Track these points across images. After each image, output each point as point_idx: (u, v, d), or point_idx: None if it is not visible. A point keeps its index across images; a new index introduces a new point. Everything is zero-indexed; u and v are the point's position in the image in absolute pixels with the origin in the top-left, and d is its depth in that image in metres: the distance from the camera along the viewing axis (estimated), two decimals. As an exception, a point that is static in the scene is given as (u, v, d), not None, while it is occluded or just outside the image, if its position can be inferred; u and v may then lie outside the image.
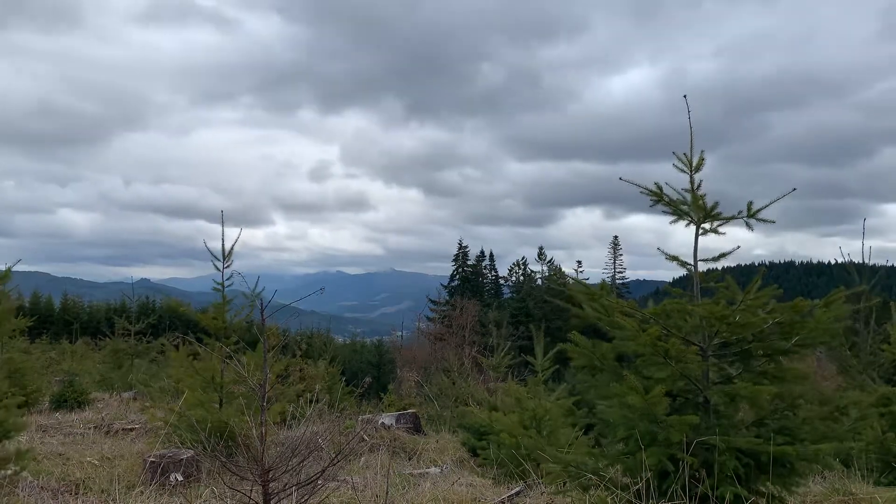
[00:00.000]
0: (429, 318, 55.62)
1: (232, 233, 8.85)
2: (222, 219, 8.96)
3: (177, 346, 10.64)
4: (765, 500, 4.79)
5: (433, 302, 58.96)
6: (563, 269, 63.85)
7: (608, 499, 4.87)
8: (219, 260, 8.83)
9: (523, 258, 66.58)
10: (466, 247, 66.47)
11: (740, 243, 5.18)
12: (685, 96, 5.19)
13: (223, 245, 8.83)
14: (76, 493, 6.34)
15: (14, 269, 6.93)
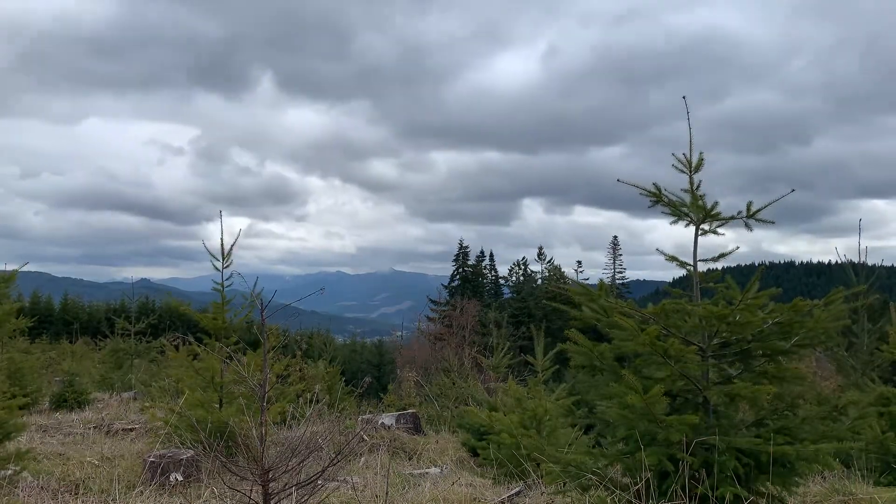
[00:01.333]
0: (429, 318, 55.63)
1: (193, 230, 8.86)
2: (221, 218, 8.97)
3: (177, 347, 10.64)
4: (765, 500, 4.79)
5: (433, 302, 58.97)
6: (563, 270, 63.88)
7: (608, 499, 4.87)
8: (217, 259, 8.83)
9: (523, 258, 66.59)
10: (467, 247, 66.46)
11: (710, 242, 5.20)
12: (684, 97, 5.19)
13: (222, 245, 8.83)
14: (76, 493, 6.34)
15: (13, 268, 6.95)
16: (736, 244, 5.18)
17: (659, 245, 5.26)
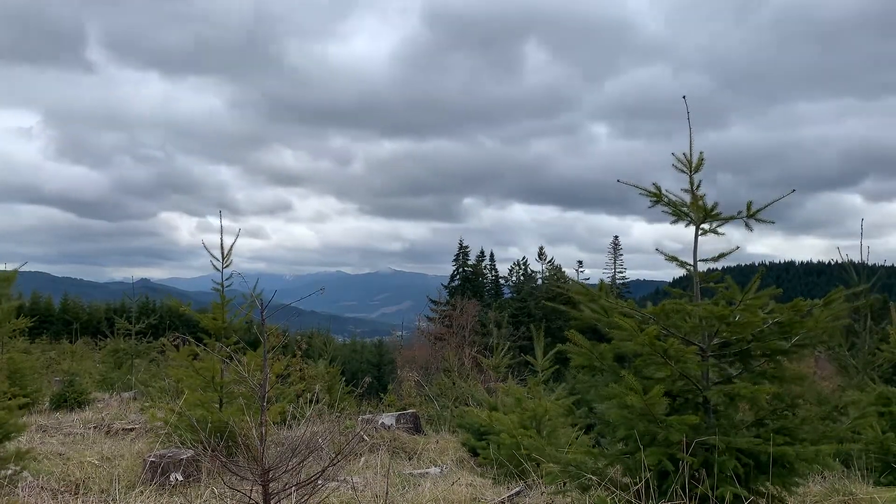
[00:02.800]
0: (429, 318, 55.61)
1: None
2: (220, 218, 8.96)
3: (177, 347, 10.64)
4: (765, 500, 4.79)
5: (433, 302, 58.96)
6: (563, 270, 63.84)
7: (608, 499, 4.87)
8: (217, 260, 8.83)
9: (524, 258, 66.57)
10: (467, 247, 66.45)
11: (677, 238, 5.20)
12: (684, 97, 5.19)
13: (222, 245, 8.83)
14: (76, 493, 6.34)
15: (13, 268, 6.95)
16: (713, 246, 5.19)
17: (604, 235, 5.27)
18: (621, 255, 69.18)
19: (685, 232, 5.23)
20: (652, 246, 5.27)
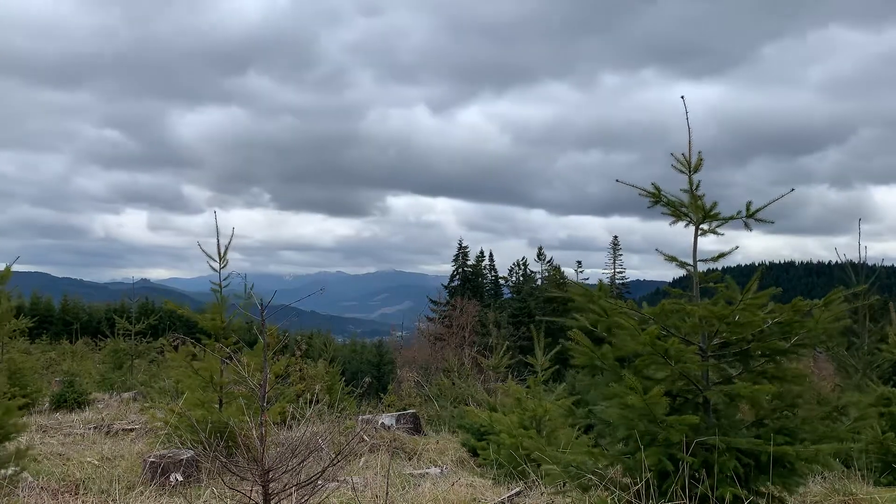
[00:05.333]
0: (429, 319, 55.61)
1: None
2: (216, 218, 8.96)
3: (176, 347, 10.64)
4: (765, 500, 4.79)
5: (433, 302, 58.95)
6: (563, 270, 63.82)
7: (608, 499, 4.87)
8: (214, 260, 8.82)
9: (523, 258, 66.58)
10: (466, 247, 66.45)
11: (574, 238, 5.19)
12: (683, 97, 5.19)
13: (218, 245, 8.82)
14: (76, 494, 6.34)
15: (14, 269, 6.94)
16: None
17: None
18: (620, 255, 69.17)
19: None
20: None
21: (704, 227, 5.23)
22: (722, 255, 5.22)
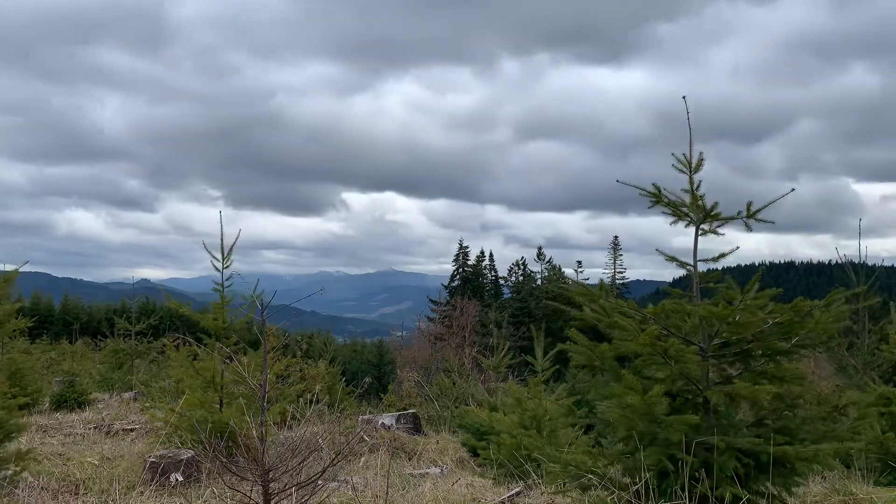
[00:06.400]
0: (429, 319, 55.63)
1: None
2: (220, 219, 8.96)
3: (177, 347, 10.64)
4: (765, 500, 4.79)
5: (433, 302, 58.98)
6: (564, 270, 63.85)
7: (608, 499, 4.87)
8: (218, 260, 8.82)
9: (523, 258, 66.61)
10: (467, 247, 66.52)
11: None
12: (684, 97, 5.19)
13: (222, 245, 8.82)
14: (76, 494, 6.35)
15: (13, 268, 6.95)
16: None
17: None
18: (621, 255, 69.14)
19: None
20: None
21: (705, 227, 5.23)
22: (722, 256, 5.22)
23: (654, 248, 5.30)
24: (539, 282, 63.22)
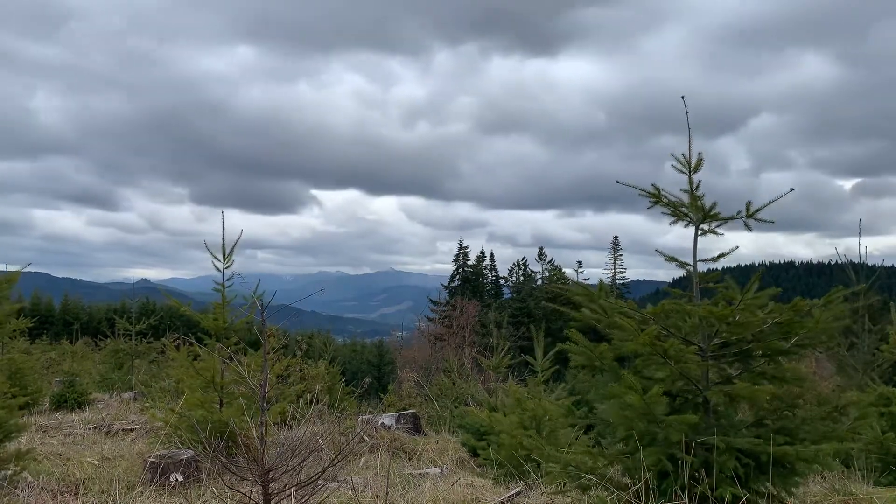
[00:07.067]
0: (429, 319, 55.64)
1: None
2: (222, 218, 8.96)
3: (177, 347, 10.65)
4: (764, 500, 4.79)
5: (433, 302, 58.98)
6: (564, 270, 63.86)
7: (608, 499, 4.88)
8: (219, 260, 8.82)
9: (523, 258, 66.62)
10: (467, 247, 66.54)
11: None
12: (683, 97, 5.19)
13: (223, 245, 8.82)
14: (76, 494, 6.35)
15: (14, 269, 6.95)
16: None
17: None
18: (621, 255, 69.14)
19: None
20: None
21: (704, 227, 5.24)
22: (722, 255, 5.23)
23: (638, 246, 5.30)
24: (539, 282, 63.22)
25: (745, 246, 5.20)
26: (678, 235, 5.25)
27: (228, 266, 8.83)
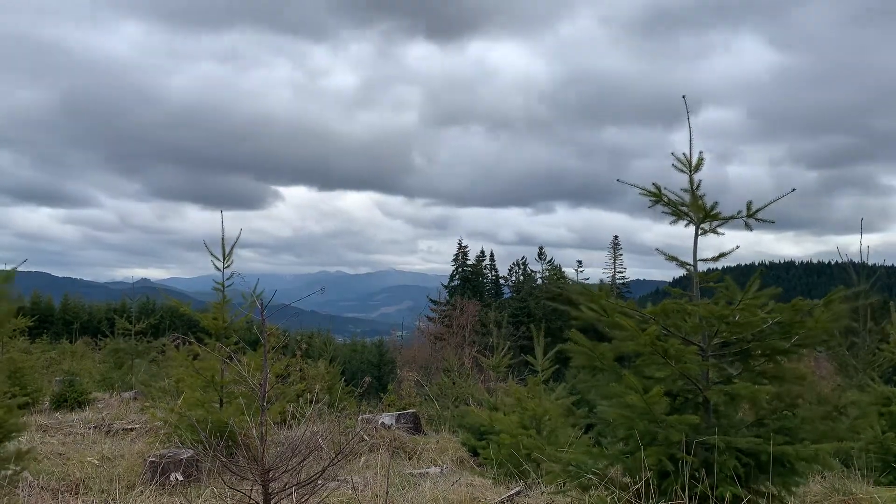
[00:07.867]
0: (429, 318, 55.64)
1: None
2: (222, 218, 8.96)
3: (177, 346, 10.64)
4: (764, 499, 4.79)
5: (433, 302, 58.98)
6: (564, 270, 63.84)
7: (608, 498, 4.87)
8: (218, 259, 8.82)
9: (523, 258, 66.62)
10: (466, 247, 66.51)
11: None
12: (684, 97, 5.19)
13: (223, 244, 8.82)
14: (76, 493, 6.35)
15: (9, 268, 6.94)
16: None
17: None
18: (621, 254, 69.14)
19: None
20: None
21: (705, 226, 5.23)
22: (722, 255, 5.22)
23: (623, 244, 5.31)
24: (539, 281, 63.21)
25: (733, 245, 5.19)
26: (660, 233, 5.24)
27: (228, 265, 8.83)
